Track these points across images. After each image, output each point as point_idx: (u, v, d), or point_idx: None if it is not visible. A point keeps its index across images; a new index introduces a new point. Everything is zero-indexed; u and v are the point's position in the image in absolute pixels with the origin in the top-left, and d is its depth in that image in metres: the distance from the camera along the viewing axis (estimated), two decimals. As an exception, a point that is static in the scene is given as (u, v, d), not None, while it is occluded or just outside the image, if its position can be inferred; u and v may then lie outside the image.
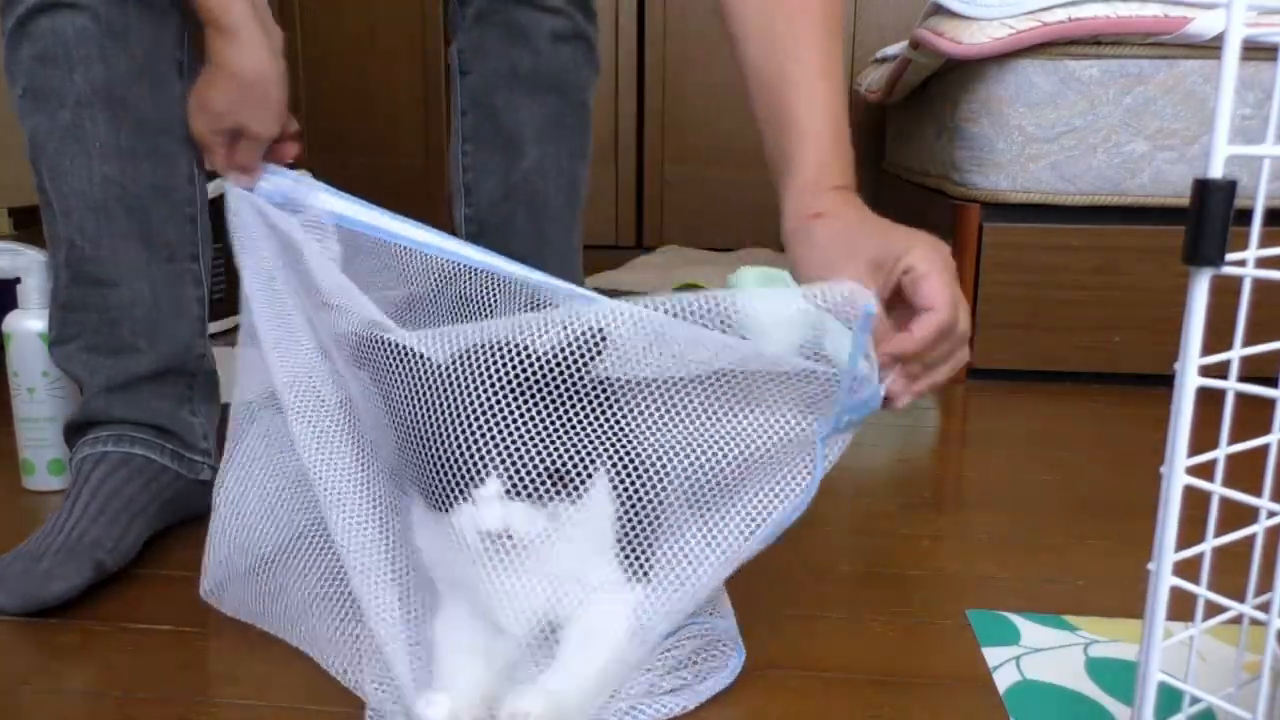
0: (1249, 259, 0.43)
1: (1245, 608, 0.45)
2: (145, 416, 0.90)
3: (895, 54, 1.91)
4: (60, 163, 0.85)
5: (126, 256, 0.87)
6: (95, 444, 0.88)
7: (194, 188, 0.91)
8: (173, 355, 0.91)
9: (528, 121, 1.01)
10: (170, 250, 0.89)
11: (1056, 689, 0.68)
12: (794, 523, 0.90)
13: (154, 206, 0.88)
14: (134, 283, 0.88)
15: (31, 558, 0.77)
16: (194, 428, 0.93)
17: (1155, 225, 1.45)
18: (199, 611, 0.77)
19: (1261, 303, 0.47)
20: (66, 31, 0.82)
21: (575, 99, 1.02)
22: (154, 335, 0.89)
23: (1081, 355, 1.50)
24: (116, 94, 0.84)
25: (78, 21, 0.82)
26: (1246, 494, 0.43)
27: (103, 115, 0.84)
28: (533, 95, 1.00)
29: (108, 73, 0.83)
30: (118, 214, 0.86)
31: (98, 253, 0.87)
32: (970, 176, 1.49)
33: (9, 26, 0.84)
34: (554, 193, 1.02)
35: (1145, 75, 1.42)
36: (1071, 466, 1.14)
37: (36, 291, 0.99)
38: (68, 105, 0.83)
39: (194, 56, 0.86)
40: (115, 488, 0.84)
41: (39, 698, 0.65)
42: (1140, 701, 0.46)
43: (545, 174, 1.02)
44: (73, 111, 0.84)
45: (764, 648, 0.73)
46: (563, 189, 1.03)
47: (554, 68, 1.00)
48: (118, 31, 0.83)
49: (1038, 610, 0.79)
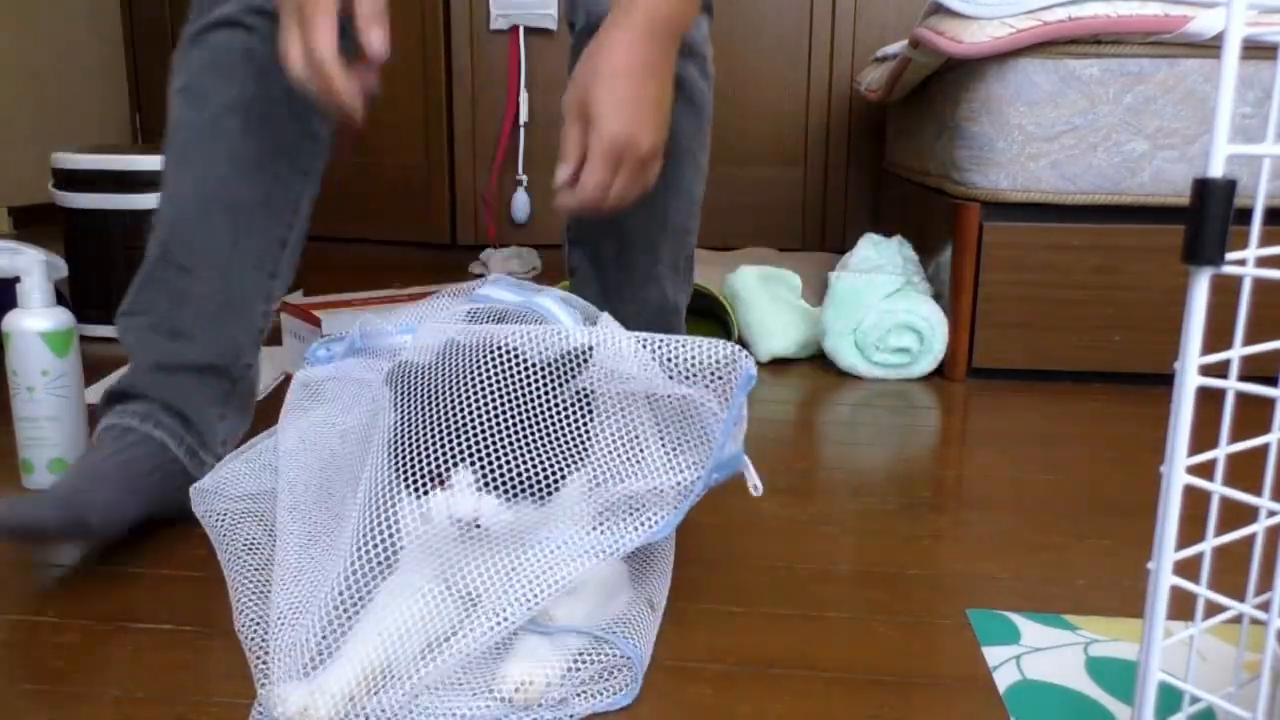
0: (1249, 258, 0.43)
1: (1245, 607, 0.45)
2: (178, 402, 0.92)
3: (895, 53, 1.91)
4: (188, 154, 0.94)
5: (213, 252, 0.94)
6: (123, 415, 0.91)
7: (296, 217, 0.98)
8: (222, 355, 0.95)
9: None
10: (255, 260, 0.96)
11: (1057, 689, 0.68)
12: (794, 522, 0.91)
13: (254, 218, 0.95)
14: (211, 277, 0.94)
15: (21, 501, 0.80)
16: (216, 431, 0.96)
17: (1155, 224, 1.45)
18: (199, 611, 0.77)
19: (1261, 302, 0.47)
20: (235, 47, 0.92)
21: None
22: (213, 331, 0.94)
23: (1081, 355, 1.50)
24: (259, 110, 0.92)
25: (248, 42, 0.91)
26: (1246, 493, 0.43)
27: (239, 124, 0.92)
28: None
29: (259, 91, 0.92)
30: (219, 213, 0.93)
31: (189, 240, 0.93)
32: (970, 176, 1.49)
33: (193, 31, 0.93)
34: (632, 219, 1.01)
35: (1145, 74, 1.42)
36: (1071, 466, 1.14)
37: (36, 290, 0.98)
38: (213, 108, 0.92)
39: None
40: (124, 461, 0.87)
41: (39, 698, 0.65)
42: (1140, 701, 0.46)
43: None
44: (215, 114, 0.92)
45: (764, 648, 0.73)
46: (642, 217, 1.02)
47: None
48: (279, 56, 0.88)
49: (1038, 610, 0.79)
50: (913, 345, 1.51)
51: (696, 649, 0.72)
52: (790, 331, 1.61)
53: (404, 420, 0.64)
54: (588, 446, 0.64)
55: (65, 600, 0.79)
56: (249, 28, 0.92)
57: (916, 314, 1.49)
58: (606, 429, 0.65)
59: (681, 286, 1.11)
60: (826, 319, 1.55)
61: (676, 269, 1.09)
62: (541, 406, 0.63)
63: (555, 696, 0.63)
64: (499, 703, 0.62)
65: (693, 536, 0.90)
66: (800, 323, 1.63)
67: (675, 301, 1.10)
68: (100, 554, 0.87)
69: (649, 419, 0.67)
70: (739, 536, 0.92)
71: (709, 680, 0.68)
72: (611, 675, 0.66)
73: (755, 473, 0.70)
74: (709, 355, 0.67)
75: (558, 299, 0.77)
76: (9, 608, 0.78)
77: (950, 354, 1.52)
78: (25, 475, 1.01)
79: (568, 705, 0.63)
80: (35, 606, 0.78)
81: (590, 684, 0.65)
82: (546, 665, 0.63)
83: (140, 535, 0.91)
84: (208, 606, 0.77)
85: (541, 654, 0.64)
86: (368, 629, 0.62)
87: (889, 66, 1.90)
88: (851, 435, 1.26)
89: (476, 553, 0.63)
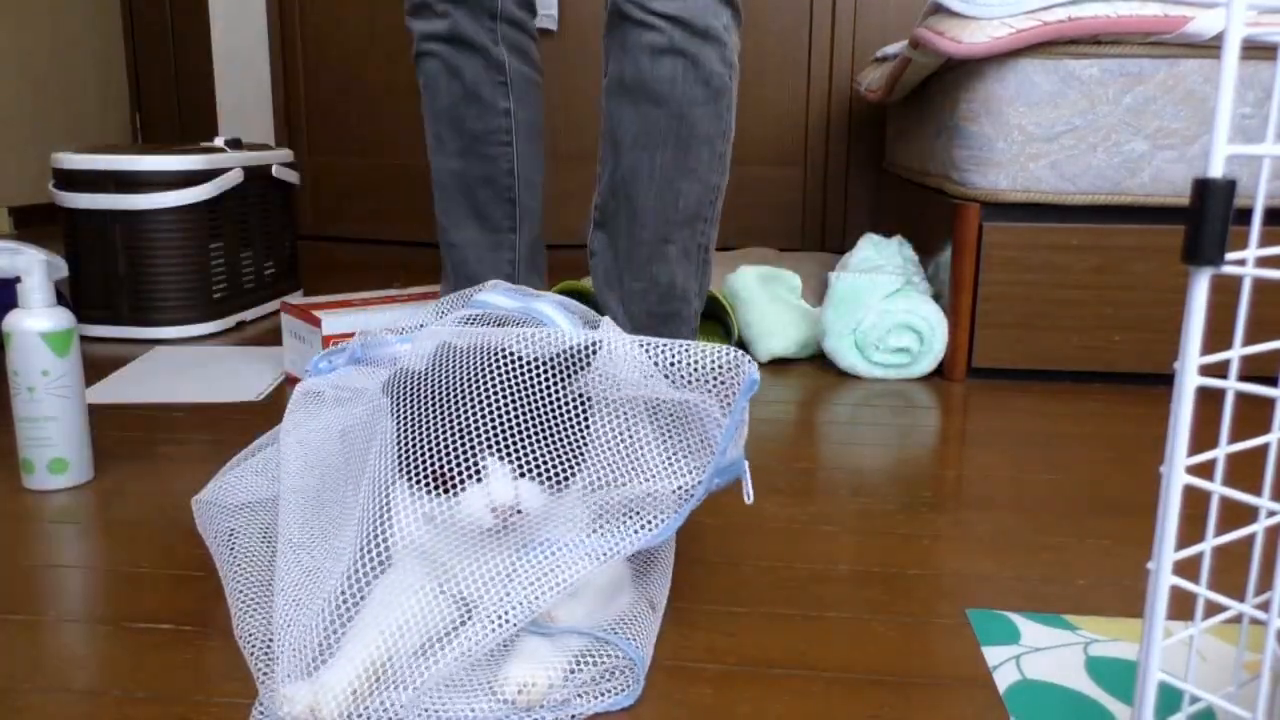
0: (1249, 258, 0.43)
1: (1245, 607, 0.45)
2: None
3: (895, 53, 1.91)
4: (432, 160, 1.26)
5: (463, 226, 1.25)
6: None
7: (513, 179, 1.25)
8: None
9: (626, 128, 1.10)
10: (492, 223, 1.25)
11: (1056, 688, 0.68)
12: (794, 522, 0.91)
13: (481, 191, 1.24)
14: (465, 245, 1.26)
15: None
16: None
17: (1155, 225, 1.45)
18: (199, 611, 0.77)
19: (1261, 302, 0.48)
20: (429, 70, 1.23)
21: (674, 111, 1.08)
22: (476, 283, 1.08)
23: (1081, 355, 1.50)
24: (455, 113, 1.22)
25: (433, 64, 1.22)
26: (1246, 493, 0.43)
27: (447, 128, 1.23)
28: (634, 104, 1.09)
29: (449, 98, 1.22)
30: (458, 196, 1.24)
31: (446, 222, 1.27)
32: (970, 176, 1.49)
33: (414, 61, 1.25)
34: (644, 197, 1.11)
35: (1145, 74, 1.42)
36: (1071, 466, 1.14)
37: (37, 290, 0.98)
38: (434, 121, 1.24)
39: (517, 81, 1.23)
40: None
41: (39, 698, 0.65)
42: (1140, 701, 0.46)
43: (637, 179, 1.11)
44: (434, 124, 1.25)
45: (764, 648, 0.73)
46: (654, 195, 1.10)
47: (651, 80, 1.07)
48: (454, 69, 1.21)
49: (1038, 610, 0.79)
50: (913, 345, 1.51)
51: (696, 649, 0.72)
52: (790, 331, 1.61)
53: (405, 424, 0.64)
54: (584, 450, 0.64)
55: (66, 600, 0.79)
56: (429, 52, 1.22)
57: (916, 314, 1.49)
58: (604, 432, 0.65)
59: (694, 275, 1.15)
60: (826, 319, 1.55)
61: (689, 255, 1.13)
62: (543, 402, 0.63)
63: (557, 698, 0.63)
64: (501, 704, 0.62)
65: (693, 537, 0.90)
66: (800, 323, 1.63)
67: (685, 288, 1.14)
68: (100, 554, 0.87)
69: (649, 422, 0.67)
70: (739, 537, 0.92)
71: (709, 680, 0.68)
72: (613, 676, 0.66)
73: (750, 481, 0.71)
74: (712, 360, 0.67)
75: (556, 304, 0.77)
76: (9, 608, 0.78)
77: (950, 354, 1.52)
78: (26, 475, 1.02)
79: (569, 706, 0.63)
80: (35, 606, 0.78)
81: (592, 685, 0.65)
82: (548, 667, 0.63)
83: (140, 535, 0.91)
84: (208, 606, 0.77)
85: (543, 655, 0.64)
86: (368, 626, 0.62)
87: (889, 67, 1.90)
88: (851, 435, 1.26)
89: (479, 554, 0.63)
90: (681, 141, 1.09)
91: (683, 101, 1.07)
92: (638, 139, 1.10)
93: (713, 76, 1.07)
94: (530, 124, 1.25)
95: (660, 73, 1.06)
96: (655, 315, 1.15)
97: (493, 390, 0.62)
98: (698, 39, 1.05)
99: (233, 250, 1.84)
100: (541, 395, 0.63)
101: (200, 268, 1.75)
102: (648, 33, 1.06)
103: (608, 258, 1.16)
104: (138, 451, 1.14)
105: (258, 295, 1.92)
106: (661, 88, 1.07)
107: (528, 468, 0.61)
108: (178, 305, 1.74)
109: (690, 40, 1.06)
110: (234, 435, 1.20)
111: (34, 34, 3.32)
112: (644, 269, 1.13)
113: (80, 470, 1.03)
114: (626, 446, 0.66)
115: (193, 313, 1.75)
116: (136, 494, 1.01)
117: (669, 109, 1.08)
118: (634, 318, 1.16)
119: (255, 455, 0.87)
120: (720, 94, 1.08)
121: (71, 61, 3.45)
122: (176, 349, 1.66)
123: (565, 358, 0.64)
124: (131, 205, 1.69)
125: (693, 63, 1.06)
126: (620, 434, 0.66)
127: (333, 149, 2.82)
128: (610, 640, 0.67)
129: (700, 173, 1.10)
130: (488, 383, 0.62)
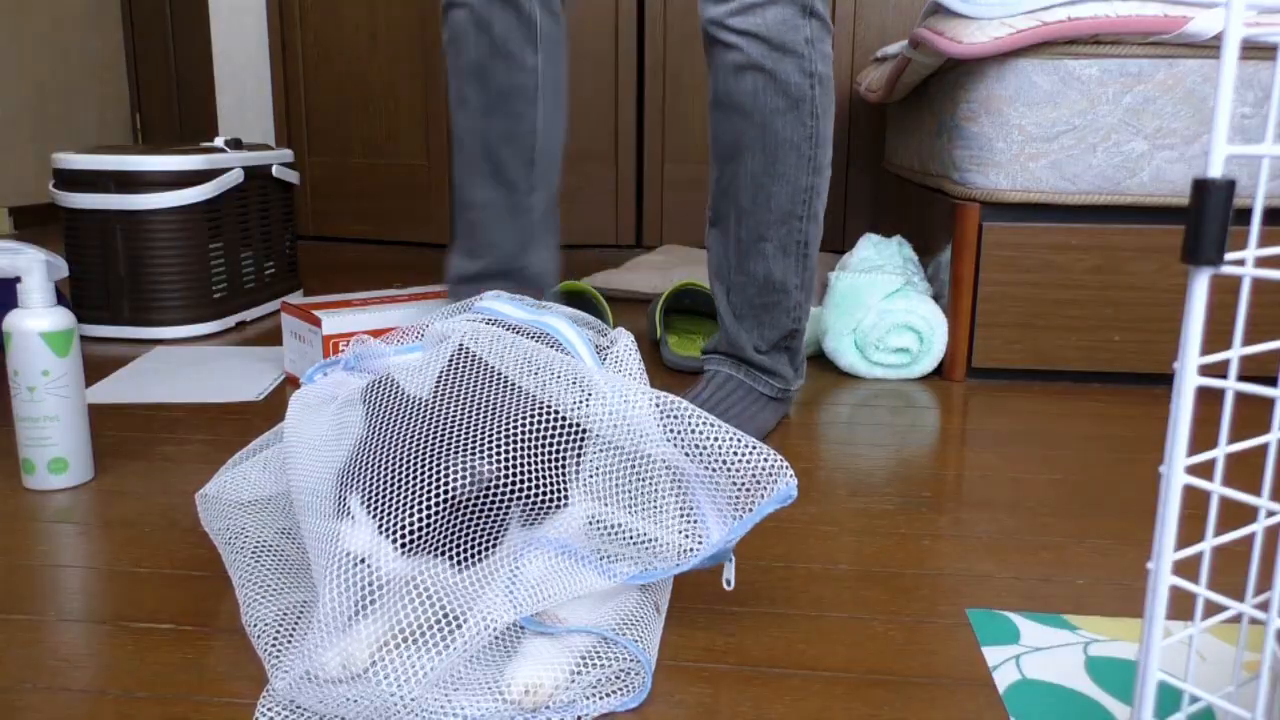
0: (1248, 258, 0.43)
1: (1245, 607, 0.45)
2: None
3: (895, 53, 1.91)
4: (454, 117, 1.24)
5: (481, 186, 1.23)
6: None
7: (535, 137, 1.23)
8: (505, 261, 1.24)
9: (723, 139, 1.20)
10: (511, 184, 1.23)
11: (1056, 688, 0.68)
12: (794, 522, 0.91)
13: (502, 150, 1.22)
14: (482, 205, 1.23)
15: None
16: None
17: (1155, 225, 1.44)
18: (199, 611, 0.77)
19: (1261, 302, 0.48)
20: (458, 22, 1.20)
21: (758, 122, 1.16)
22: (494, 246, 1.19)
23: (1081, 355, 1.50)
24: (482, 68, 1.19)
25: (461, 15, 1.19)
26: (1246, 493, 0.43)
27: (473, 84, 1.20)
28: (726, 118, 1.18)
29: (477, 53, 1.19)
30: (478, 155, 1.22)
31: (463, 180, 1.24)
32: (970, 176, 1.49)
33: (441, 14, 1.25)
34: (742, 200, 1.19)
35: (1145, 74, 1.42)
36: (1071, 466, 1.14)
37: (37, 290, 0.98)
38: (458, 77, 1.21)
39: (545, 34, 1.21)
40: None
41: (39, 697, 0.66)
42: (1140, 701, 0.46)
43: (735, 184, 1.20)
44: (458, 81, 1.21)
45: (764, 648, 0.73)
46: (749, 199, 1.19)
47: (736, 95, 1.16)
48: (484, 22, 1.18)
49: (1037, 610, 0.79)
50: (912, 345, 1.51)
51: (696, 649, 0.72)
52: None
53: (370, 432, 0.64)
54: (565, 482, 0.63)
55: (66, 600, 0.79)
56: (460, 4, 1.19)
57: (916, 314, 1.49)
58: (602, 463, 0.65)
59: (794, 270, 1.22)
60: (826, 319, 1.55)
61: (786, 251, 1.21)
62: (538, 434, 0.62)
63: (563, 699, 0.63)
64: (507, 705, 0.62)
65: (693, 536, 0.90)
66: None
67: (784, 281, 1.21)
68: (100, 554, 0.87)
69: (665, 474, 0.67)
70: (739, 536, 0.93)
71: (709, 680, 0.68)
72: (619, 677, 0.66)
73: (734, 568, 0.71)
74: (748, 459, 0.64)
75: (567, 319, 0.76)
76: (9, 608, 0.78)
77: (950, 354, 1.52)
78: (26, 475, 1.02)
79: (575, 707, 0.63)
80: (35, 606, 0.78)
81: (598, 686, 0.65)
82: (554, 668, 0.63)
83: (140, 535, 0.91)
84: (208, 606, 0.77)
85: (549, 656, 0.64)
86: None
87: (889, 67, 1.90)
88: (851, 435, 1.26)
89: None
90: (767, 149, 1.17)
91: (765, 112, 1.15)
92: (731, 148, 1.19)
93: (791, 87, 1.15)
94: (556, 81, 1.27)
95: (743, 88, 1.15)
96: (755, 306, 1.23)
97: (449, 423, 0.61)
98: (775, 53, 1.13)
99: (233, 250, 1.84)
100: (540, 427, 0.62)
101: (200, 268, 1.75)
102: (730, 52, 1.15)
103: (718, 253, 1.25)
104: (138, 451, 1.14)
105: (258, 295, 1.92)
106: (744, 100, 1.16)
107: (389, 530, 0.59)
108: (178, 305, 1.74)
109: (768, 55, 1.13)
110: (234, 435, 1.20)
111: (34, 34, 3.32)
112: (744, 264, 1.21)
113: (80, 470, 1.03)
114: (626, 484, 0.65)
115: (193, 313, 1.75)
116: (136, 494, 1.01)
117: (753, 120, 1.16)
118: (735, 307, 1.24)
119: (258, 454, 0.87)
120: (800, 102, 1.16)
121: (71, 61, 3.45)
122: (176, 349, 1.66)
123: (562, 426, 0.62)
124: (132, 205, 1.69)
125: (771, 77, 1.14)
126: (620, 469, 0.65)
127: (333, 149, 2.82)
128: (617, 641, 0.67)
129: (788, 176, 1.18)
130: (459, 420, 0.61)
